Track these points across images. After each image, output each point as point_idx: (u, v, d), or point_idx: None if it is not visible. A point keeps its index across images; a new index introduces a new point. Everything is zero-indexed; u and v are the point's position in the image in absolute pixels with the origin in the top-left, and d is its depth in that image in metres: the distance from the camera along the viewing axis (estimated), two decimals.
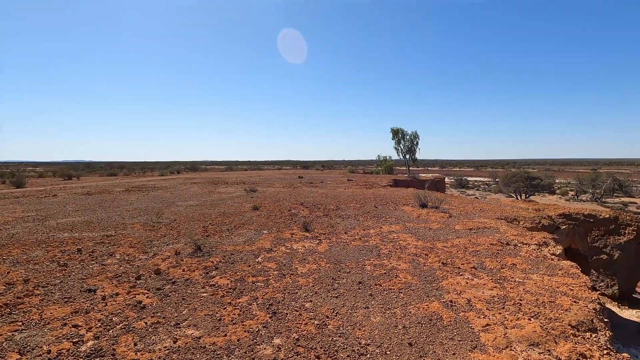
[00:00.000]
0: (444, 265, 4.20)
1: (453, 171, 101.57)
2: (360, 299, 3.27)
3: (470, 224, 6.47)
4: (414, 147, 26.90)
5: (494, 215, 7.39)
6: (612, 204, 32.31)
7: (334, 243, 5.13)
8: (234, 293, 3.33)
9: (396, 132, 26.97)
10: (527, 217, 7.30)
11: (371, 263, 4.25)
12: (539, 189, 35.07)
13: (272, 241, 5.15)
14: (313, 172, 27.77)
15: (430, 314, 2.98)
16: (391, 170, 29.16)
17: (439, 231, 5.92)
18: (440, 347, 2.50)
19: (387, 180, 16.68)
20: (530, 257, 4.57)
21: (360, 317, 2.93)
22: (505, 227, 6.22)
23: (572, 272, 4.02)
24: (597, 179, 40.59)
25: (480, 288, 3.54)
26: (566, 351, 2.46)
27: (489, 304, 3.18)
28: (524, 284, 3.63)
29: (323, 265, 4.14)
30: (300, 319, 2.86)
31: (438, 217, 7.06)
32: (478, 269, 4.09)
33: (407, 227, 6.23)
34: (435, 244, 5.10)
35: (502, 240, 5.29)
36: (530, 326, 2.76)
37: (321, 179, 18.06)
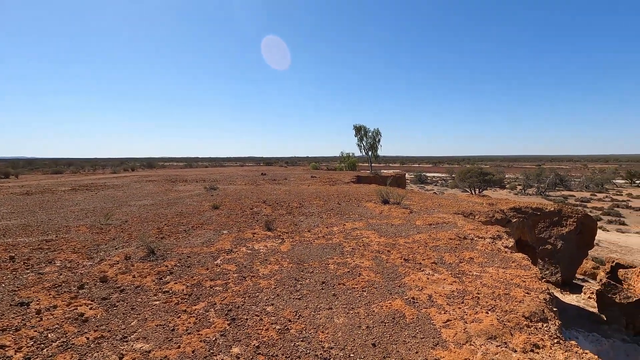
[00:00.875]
0: (406, 261, 4.25)
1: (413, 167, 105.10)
2: (323, 299, 3.20)
3: (430, 219, 6.64)
4: (376, 144, 27.42)
5: (451, 210, 7.65)
6: (554, 197, 35.05)
7: (297, 242, 5.03)
8: (190, 299, 3.13)
9: (359, 129, 27.35)
10: (482, 212, 7.64)
11: (335, 262, 4.20)
12: (491, 184, 37.23)
13: (232, 242, 4.94)
14: (276, 169, 27.43)
15: (394, 312, 2.97)
16: (354, 167, 29.53)
17: (400, 227, 6.01)
18: (403, 346, 2.49)
19: (350, 177, 16.83)
20: (486, 250, 4.75)
21: (323, 319, 2.85)
22: (462, 222, 6.45)
23: (524, 264, 4.23)
24: (542, 174, 43.86)
25: (441, 283, 3.60)
26: (521, 342, 2.55)
27: (449, 299, 3.24)
28: (481, 278, 3.75)
29: (286, 266, 4.03)
30: (261, 324, 2.73)
31: (400, 213, 7.19)
32: (438, 264, 4.18)
33: (370, 223, 6.26)
34: (397, 240, 5.16)
35: (460, 235, 5.46)
36: (487, 319, 2.84)
37: (284, 175, 17.86)
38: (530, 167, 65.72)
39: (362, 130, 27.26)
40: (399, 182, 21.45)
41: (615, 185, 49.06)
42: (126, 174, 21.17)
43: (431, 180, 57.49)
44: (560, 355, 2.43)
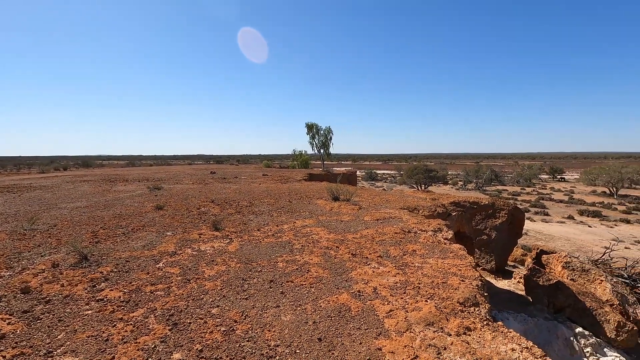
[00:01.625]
0: (354, 256, 4.37)
1: (364, 165, 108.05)
2: (271, 298, 3.18)
3: (377, 214, 6.88)
4: (328, 142, 27.84)
5: (398, 205, 8.00)
6: (490, 192, 38.10)
7: (245, 241, 4.94)
8: (128, 306, 2.94)
9: (311, 127, 27.54)
10: (425, 206, 8.07)
11: (284, 259, 4.20)
12: (435, 180, 39.53)
13: (176, 243, 4.73)
14: (227, 167, 26.64)
15: (340, 306, 3.04)
16: (307, 165, 29.70)
17: (349, 223, 6.16)
18: (348, 339, 2.56)
19: (302, 175, 16.88)
20: (427, 242, 5.04)
21: (270, 317, 2.84)
22: (407, 217, 6.77)
23: (460, 253, 4.55)
24: (479, 170, 47.45)
25: (385, 275, 3.76)
26: (455, 326, 2.74)
27: (393, 290, 3.39)
28: (422, 269, 3.97)
29: (233, 266, 3.94)
30: (205, 327, 2.65)
31: (349, 210, 7.36)
32: (384, 258, 4.35)
33: (320, 220, 6.34)
34: (346, 236, 5.28)
35: (405, 229, 5.73)
36: (426, 307, 3.02)
37: (235, 174, 17.42)
38: (470, 164, 70.78)
39: (314, 128, 27.51)
40: (350, 180, 21.94)
41: (541, 180, 54.55)
42: (57, 174, 19.27)
43: (381, 177, 59.62)
44: (489, 336, 2.66)
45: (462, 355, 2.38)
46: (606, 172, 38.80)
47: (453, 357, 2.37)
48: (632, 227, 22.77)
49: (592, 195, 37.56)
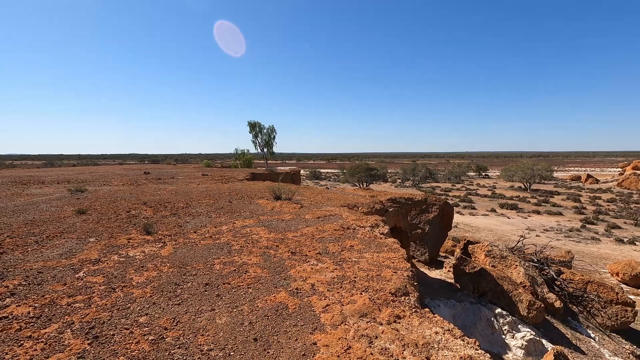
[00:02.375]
0: (293, 254, 4.39)
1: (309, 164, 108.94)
2: (206, 301, 3.07)
3: (318, 212, 6.99)
4: (272, 141, 27.57)
5: (338, 203, 8.20)
6: (425, 189, 40.75)
7: (180, 244, 4.71)
8: (39, 322, 2.64)
9: (253, 125, 27.04)
10: (364, 203, 8.38)
11: (221, 261, 4.08)
12: (376, 178, 41.22)
13: (101, 250, 4.34)
14: (164, 167, 25.09)
15: (277, 305, 3.04)
16: (250, 164, 29.13)
17: (290, 222, 6.17)
18: (284, 336, 2.57)
19: (244, 174, 16.51)
20: (364, 238, 5.24)
21: (204, 321, 2.74)
22: (347, 214, 6.98)
23: (394, 247, 4.81)
24: (416, 169, 50.52)
25: (324, 272, 3.84)
26: (387, 316, 2.90)
27: (330, 285, 3.47)
28: (358, 263, 4.12)
29: (165, 271, 3.73)
30: (131, 337, 2.47)
31: (291, 208, 7.37)
32: (323, 254, 4.44)
33: (260, 220, 6.27)
34: (286, 235, 5.29)
35: (344, 226, 5.90)
36: (361, 300, 3.14)
37: (172, 174, 16.48)
38: (407, 163, 75.02)
39: (257, 127, 27.05)
40: (294, 179, 21.99)
41: (469, 177, 59.68)
42: None
43: (325, 176, 60.63)
44: (416, 322, 2.85)
45: (392, 342, 2.53)
46: (521, 169, 43.74)
47: (383, 344, 2.50)
48: (541, 217, 25.93)
49: (511, 190, 42.03)
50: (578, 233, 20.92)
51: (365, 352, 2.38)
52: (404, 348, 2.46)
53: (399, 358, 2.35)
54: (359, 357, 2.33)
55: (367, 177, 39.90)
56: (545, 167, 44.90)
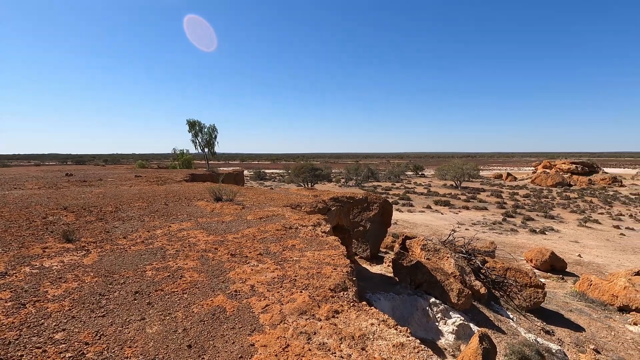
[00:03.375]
0: (233, 256, 4.28)
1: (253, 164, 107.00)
2: (135, 311, 2.87)
3: (261, 213, 6.89)
4: (213, 141, 26.51)
5: (282, 203, 8.17)
6: (367, 188, 42.27)
7: (107, 251, 4.33)
8: None
9: (193, 124, 25.76)
10: (307, 203, 8.46)
11: (154, 267, 3.83)
12: (320, 178, 41.79)
13: (8, 262, 3.83)
14: (90, 168, 22.88)
15: (214, 309, 2.94)
16: (189, 165, 27.73)
17: (231, 223, 6.01)
18: (221, 340, 2.50)
19: (183, 175, 15.69)
20: (306, 237, 5.29)
21: (132, 332, 2.56)
22: (290, 213, 6.98)
23: (335, 244, 4.92)
24: (358, 168, 52.20)
25: (264, 272, 3.79)
26: (325, 311, 2.96)
27: (270, 285, 3.45)
28: (299, 262, 4.15)
29: (88, 281, 3.41)
30: (43, 357, 2.22)
31: (232, 210, 7.18)
32: (264, 255, 4.39)
33: (199, 222, 6.01)
34: (226, 237, 5.13)
35: (286, 225, 5.89)
36: (301, 298, 3.17)
37: (100, 175, 15.09)
38: (350, 163, 77.24)
39: (196, 126, 25.81)
40: (237, 179, 21.44)
41: (407, 176, 63.15)
42: None
43: (270, 176, 60.00)
44: (353, 315, 2.95)
45: (330, 337, 2.58)
46: (453, 169, 47.43)
47: (322, 339, 2.55)
48: (470, 212, 28.35)
49: (444, 187, 45.34)
50: (500, 225, 23.25)
51: (304, 349, 2.40)
52: (341, 341, 2.53)
53: (336, 351, 2.41)
54: (297, 354, 2.34)
55: (312, 177, 40.31)
56: (473, 167, 49.24)
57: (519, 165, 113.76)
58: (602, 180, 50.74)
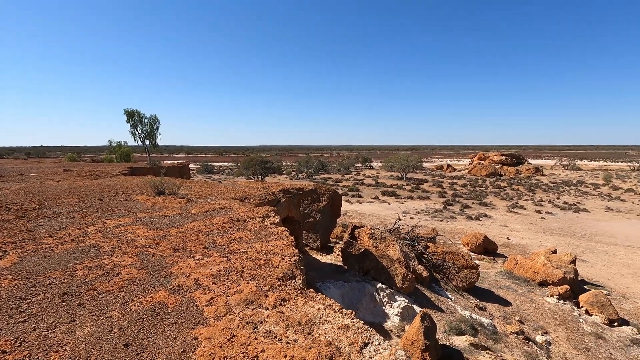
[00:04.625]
0: (176, 251, 4.10)
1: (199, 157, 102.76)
2: (63, 313, 2.63)
3: (207, 206, 6.66)
4: (154, 132, 24.85)
5: (229, 196, 7.96)
6: (318, 180, 42.71)
7: (29, 252, 3.91)
8: None
9: (131, 114, 23.87)
10: (256, 195, 8.33)
11: (85, 266, 3.54)
12: (271, 171, 41.35)
13: None
14: (8, 162, 20.37)
15: (155, 305, 2.81)
16: (128, 158, 25.80)
17: (174, 217, 5.73)
18: (161, 336, 2.39)
19: (120, 169, 14.59)
20: (254, 228, 5.22)
21: (60, 335, 2.35)
22: (237, 206, 6.83)
23: (283, 235, 4.92)
24: (309, 161, 52.49)
25: (209, 265, 3.69)
26: (272, 300, 2.96)
27: (215, 278, 3.36)
28: (247, 253, 4.09)
29: (6, 285, 3.05)
30: None
31: (175, 204, 6.85)
32: (209, 248, 4.26)
33: (138, 217, 5.65)
34: (168, 231, 4.89)
35: (234, 218, 5.77)
36: (247, 289, 3.13)
37: (21, 170, 13.50)
38: (301, 155, 77.38)
39: (135, 116, 23.97)
40: (182, 173, 20.46)
41: (356, 168, 64.80)
42: None
43: (218, 169, 58.06)
44: (301, 302, 2.99)
45: (277, 324, 2.59)
46: (399, 161, 49.60)
47: (268, 327, 2.55)
48: (414, 202, 29.94)
49: (390, 179, 47.30)
50: (441, 213, 24.88)
51: (250, 338, 2.39)
52: (287, 328, 2.55)
53: (282, 338, 2.43)
54: (243, 343, 2.33)
55: (262, 170, 39.72)
56: (417, 159, 51.96)
57: (458, 157, 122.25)
58: (527, 170, 56.38)
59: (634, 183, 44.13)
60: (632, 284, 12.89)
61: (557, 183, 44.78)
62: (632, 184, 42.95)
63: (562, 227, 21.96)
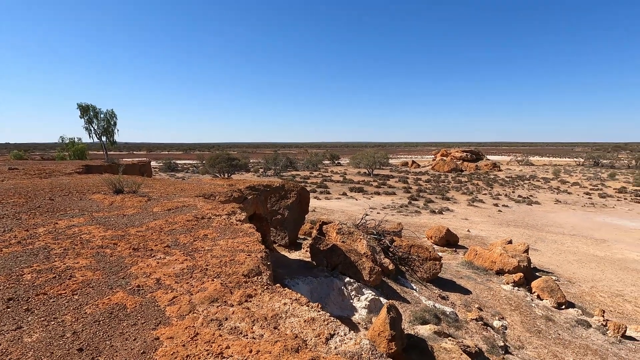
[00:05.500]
0: (136, 250, 3.92)
1: (162, 155, 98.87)
2: (8, 320, 2.44)
3: (169, 204, 6.43)
4: (112, 128, 23.48)
5: (193, 193, 7.73)
6: (286, 177, 42.50)
7: None
8: None
9: (85, 109, 22.38)
10: (222, 192, 8.16)
11: (34, 269, 3.30)
12: (238, 168, 40.59)
13: None
14: None
15: (112, 307, 2.68)
16: (83, 155, 24.24)
17: (134, 216, 5.48)
18: (119, 338, 2.29)
19: (74, 167, 13.71)
20: (220, 226, 5.11)
21: (5, 343, 2.18)
22: (202, 203, 6.65)
23: (250, 231, 4.86)
24: (277, 158, 52.09)
25: (172, 264, 3.57)
26: (238, 297, 2.92)
27: (178, 277, 3.26)
28: (212, 251, 4.00)
29: None
30: None
31: (135, 202, 6.55)
32: (172, 247, 4.12)
33: (94, 217, 5.34)
34: (128, 231, 4.67)
35: (198, 216, 5.61)
36: (212, 286, 3.07)
37: None
38: (269, 153, 76.59)
39: (90, 111, 22.50)
40: (144, 171, 19.59)
41: (324, 165, 65.14)
42: None
43: (182, 167, 56.15)
44: (267, 297, 2.97)
45: (242, 320, 2.56)
46: (366, 157, 50.45)
47: (233, 324, 2.52)
48: (381, 197, 30.62)
49: (358, 175, 48.03)
50: (406, 208, 25.63)
51: (214, 335, 2.34)
52: (253, 323, 2.53)
53: (248, 333, 2.40)
54: (207, 341, 2.28)
55: (229, 167, 38.89)
56: (384, 155, 53.12)
57: (422, 153, 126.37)
58: (485, 166, 59.40)
59: (579, 177, 47.87)
60: (577, 270, 13.99)
61: (512, 178, 47.56)
62: (578, 178, 46.56)
63: (517, 219, 23.38)
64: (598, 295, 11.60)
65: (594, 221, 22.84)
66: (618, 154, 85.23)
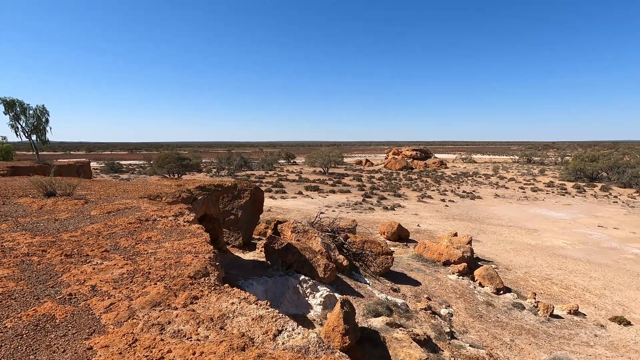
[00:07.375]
0: (68, 257, 3.62)
1: (104, 155, 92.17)
2: None
3: (109, 207, 6.01)
4: (43, 126, 21.26)
5: (137, 195, 7.30)
6: (241, 176, 41.59)
7: None
8: None
9: (11, 104, 19.98)
10: (169, 193, 7.78)
11: None
12: (189, 168, 38.95)
13: None
14: None
15: (38, 319, 2.45)
16: (9, 156, 21.75)
17: (68, 221, 5.05)
18: (46, 351, 2.10)
19: None
20: (165, 228, 4.88)
21: None
22: (146, 205, 6.30)
23: (198, 232, 4.69)
24: (231, 157, 50.81)
25: (110, 270, 3.34)
26: (183, 299, 2.81)
27: (117, 282, 3.06)
28: (155, 254, 3.80)
29: None
30: None
31: (70, 206, 6.03)
32: (111, 251, 3.85)
33: (19, 223, 4.84)
34: (60, 236, 4.29)
35: (142, 218, 5.31)
36: (155, 290, 2.92)
37: None
38: (222, 152, 74.43)
39: (17, 107, 20.17)
40: (82, 172, 18.08)
41: (280, 164, 64.72)
42: None
43: (127, 168, 52.69)
44: (214, 298, 2.89)
45: (186, 323, 2.47)
46: (321, 156, 50.90)
47: (177, 327, 2.42)
48: (336, 196, 31.08)
49: (313, 174, 48.32)
50: (360, 205, 26.28)
51: (155, 340, 2.24)
52: (198, 325, 2.45)
53: (192, 335, 2.32)
54: (147, 346, 2.17)
55: (179, 168, 37.18)
56: (338, 154, 53.94)
57: (375, 152, 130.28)
58: (433, 163, 62.69)
59: (515, 173, 52.32)
60: (513, 258, 15.29)
61: (457, 175, 50.68)
62: (514, 174, 50.85)
63: (462, 213, 24.98)
64: (530, 280, 12.77)
65: (528, 213, 25.08)
66: (547, 152, 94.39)
